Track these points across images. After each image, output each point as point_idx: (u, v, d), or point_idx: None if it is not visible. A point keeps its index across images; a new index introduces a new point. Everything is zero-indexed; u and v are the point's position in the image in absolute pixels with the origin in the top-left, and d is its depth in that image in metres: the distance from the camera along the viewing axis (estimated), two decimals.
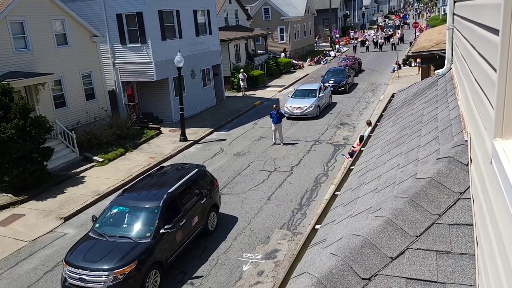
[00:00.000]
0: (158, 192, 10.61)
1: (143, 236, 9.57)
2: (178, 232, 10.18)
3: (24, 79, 16.66)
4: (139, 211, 10.18)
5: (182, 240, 10.41)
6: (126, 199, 10.62)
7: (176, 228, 10.08)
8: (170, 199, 10.34)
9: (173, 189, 10.56)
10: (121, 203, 10.56)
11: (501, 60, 1.78)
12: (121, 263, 8.84)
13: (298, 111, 23.01)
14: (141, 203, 10.32)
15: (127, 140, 20.17)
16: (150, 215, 9.95)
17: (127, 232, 9.83)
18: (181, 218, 10.40)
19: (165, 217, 9.98)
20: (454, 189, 2.96)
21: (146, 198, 10.50)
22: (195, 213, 10.98)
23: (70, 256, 9.36)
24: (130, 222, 10.15)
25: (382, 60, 41.79)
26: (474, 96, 2.97)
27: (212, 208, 11.92)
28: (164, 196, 10.22)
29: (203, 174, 12.19)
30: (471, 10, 3.39)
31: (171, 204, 10.32)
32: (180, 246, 10.31)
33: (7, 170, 14.72)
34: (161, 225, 9.72)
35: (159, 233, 9.61)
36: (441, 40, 12.18)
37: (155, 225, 9.68)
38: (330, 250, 3.08)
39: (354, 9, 78.03)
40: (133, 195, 10.81)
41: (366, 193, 3.96)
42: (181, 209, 10.54)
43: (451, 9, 5.84)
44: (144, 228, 9.77)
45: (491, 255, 1.87)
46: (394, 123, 6.27)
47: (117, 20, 21.92)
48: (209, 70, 27.31)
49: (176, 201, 10.51)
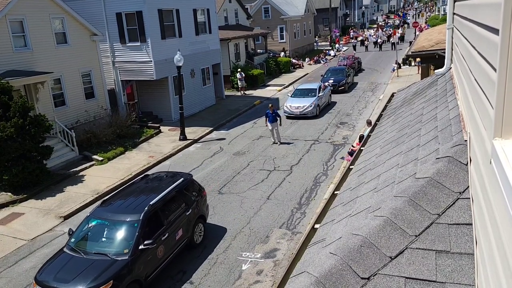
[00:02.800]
0: (139, 204, 9.84)
1: (121, 252, 8.90)
2: (159, 247, 9.50)
3: (24, 78, 16.65)
4: (117, 225, 9.47)
5: (165, 255, 9.73)
6: (105, 212, 9.87)
7: (158, 243, 9.40)
8: (152, 211, 9.64)
9: (155, 201, 9.86)
10: (99, 216, 9.82)
11: (500, 59, 1.77)
12: (94, 284, 8.18)
13: (297, 111, 23.01)
14: (120, 216, 9.58)
15: (127, 139, 20.16)
16: (129, 230, 9.25)
17: (104, 248, 9.17)
18: (163, 232, 9.72)
19: (146, 230, 9.31)
20: (453, 189, 2.96)
21: (126, 210, 9.75)
22: (179, 225, 10.30)
23: (41, 274, 8.67)
24: (108, 237, 9.47)
25: (382, 60, 41.78)
26: (473, 96, 2.97)
27: (199, 220, 11.25)
28: (145, 209, 9.51)
29: (189, 183, 11.47)
30: (471, 9, 3.38)
31: (152, 217, 9.63)
32: (162, 262, 9.65)
33: (6, 169, 14.71)
34: (140, 241, 9.05)
35: (138, 249, 8.94)
36: (441, 39, 12.18)
37: (134, 240, 9.00)
38: (329, 250, 3.07)
39: (354, 8, 78.00)
40: (113, 207, 10.04)
41: (365, 193, 3.96)
42: (163, 222, 9.86)
43: (451, 8, 5.84)
44: (122, 244, 9.10)
45: (490, 255, 1.87)
46: (394, 123, 6.27)
47: (116, 19, 21.91)
48: (208, 69, 27.30)
49: (159, 213, 9.83)
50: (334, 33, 58.18)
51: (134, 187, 11.19)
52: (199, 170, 16.77)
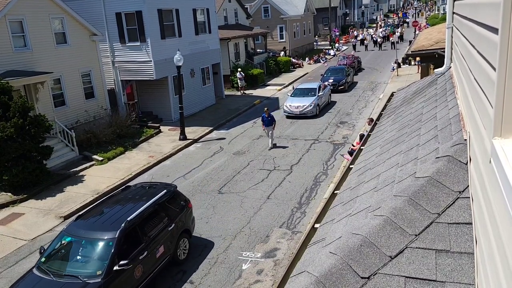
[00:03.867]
0: (115, 220, 9.12)
1: (94, 274, 8.20)
2: (137, 267, 8.80)
3: (23, 78, 16.65)
4: (91, 243, 8.79)
5: (143, 275, 9.03)
6: (79, 228, 9.15)
7: (135, 263, 8.69)
8: (129, 228, 8.91)
9: (133, 217, 9.14)
10: (72, 233, 9.10)
11: (500, 59, 1.77)
12: None
13: (297, 110, 23.00)
14: (94, 233, 8.89)
15: (127, 139, 20.15)
16: (104, 249, 8.55)
17: (76, 269, 8.49)
18: (142, 250, 9.02)
19: (123, 249, 8.62)
20: (453, 188, 2.96)
21: (101, 227, 9.04)
22: (160, 242, 9.61)
23: None
24: (81, 256, 8.80)
25: (381, 59, 41.78)
26: (473, 95, 2.97)
27: (183, 234, 10.54)
28: (121, 226, 8.79)
29: (173, 196, 10.74)
30: (470, 9, 3.38)
31: (130, 234, 8.92)
32: (141, 283, 8.95)
33: (6, 169, 14.71)
34: (115, 261, 8.33)
35: (112, 271, 8.23)
36: (440, 38, 12.18)
37: (108, 261, 8.30)
38: (330, 249, 3.08)
39: (354, 7, 77.99)
40: (87, 223, 9.35)
41: (365, 192, 3.96)
42: (142, 239, 9.16)
43: (450, 7, 5.84)
44: (95, 265, 8.40)
45: (490, 254, 1.87)
46: (394, 122, 6.27)
47: (116, 19, 21.90)
48: (208, 69, 27.29)
49: (137, 229, 9.12)
50: (334, 33, 58.17)
51: (113, 199, 10.49)
52: (199, 170, 16.78)
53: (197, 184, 15.35)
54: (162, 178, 16.25)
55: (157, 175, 16.63)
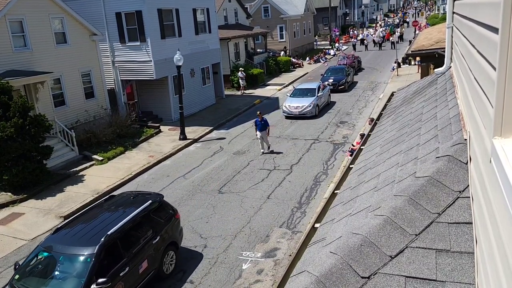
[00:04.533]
0: (95, 234, 8.60)
1: None
2: (118, 284, 8.29)
3: (23, 78, 16.65)
4: (68, 259, 8.29)
5: None
6: (56, 243, 8.62)
7: (115, 281, 8.18)
8: (109, 243, 8.39)
9: (114, 230, 8.61)
10: (49, 248, 8.57)
11: (500, 59, 1.77)
12: None
13: (296, 111, 22.94)
14: (72, 248, 8.36)
15: (127, 139, 20.16)
16: (81, 266, 8.03)
17: (51, 287, 8.05)
18: (123, 266, 8.49)
19: (103, 265, 8.12)
20: (453, 188, 2.96)
21: (79, 242, 8.51)
22: (144, 256, 9.10)
23: None
24: (57, 273, 8.25)
25: (381, 59, 41.78)
26: (473, 95, 2.97)
27: (170, 247, 9.99)
28: (101, 240, 8.27)
29: (159, 206, 10.20)
30: (470, 8, 3.38)
31: (111, 249, 8.41)
32: None
33: (6, 169, 14.71)
34: (93, 279, 7.82)
35: None
36: (440, 38, 12.18)
37: (85, 278, 7.81)
38: (330, 249, 3.08)
39: (354, 7, 77.96)
40: (66, 236, 8.81)
41: (365, 192, 3.96)
42: (124, 254, 8.64)
43: (450, 7, 5.83)
44: (72, 283, 7.90)
45: (490, 254, 1.87)
46: (394, 122, 6.27)
47: (116, 18, 21.91)
48: (208, 69, 27.30)
49: (118, 244, 8.59)
50: (334, 32, 58.16)
51: (95, 210, 9.96)
52: (199, 170, 16.78)
53: (197, 184, 15.35)
54: (162, 177, 16.26)
55: (157, 175, 16.64)
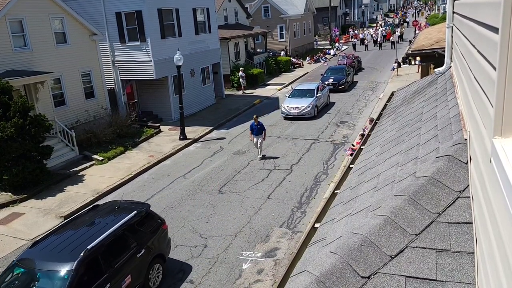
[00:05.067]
0: (74, 249, 8.09)
1: None
2: None
3: (23, 78, 16.65)
4: (45, 276, 7.76)
5: None
6: (32, 257, 8.15)
7: None
8: (89, 258, 7.91)
9: (95, 244, 8.11)
10: (25, 264, 8.07)
11: (500, 58, 1.77)
12: None
13: (295, 111, 22.73)
14: (48, 264, 7.84)
15: (127, 139, 20.16)
16: (59, 283, 7.52)
17: None
18: (104, 282, 8.00)
19: (82, 281, 7.66)
20: (453, 188, 2.96)
21: (57, 257, 7.98)
22: (127, 271, 8.61)
23: None
24: None
25: (381, 59, 41.78)
26: (473, 95, 2.97)
27: (156, 260, 9.53)
28: (80, 255, 7.78)
29: (144, 217, 9.68)
30: (470, 8, 3.38)
31: (91, 264, 7.94)
32: None
33: (6, 168, 14.72)
34: None
35: None
36: (440, 38, 12.17)
37: None
38: (330, 249, 3.08)
39: (354, 7, 77.94)
40: (43, 251, 8.27)
41: (365, 192, 3.96)
42: (105, 269, 8.16)
43: (450, 7, 5.83)
44: None
45: (490, 254, 1.87)
46: (394, 122, 6.27)
47: (116, 18, 21.91)
48: (208, 69, 27.29)
49: (99, 259, 8.10)
50: (334, 32, 58.16)
51: (76, 222, 9.44)
52: (199, 170, 16.78)
53: (197, 184, 15.36)
54: (162, 177, 16.27)
55: (157, 175, 16.64)
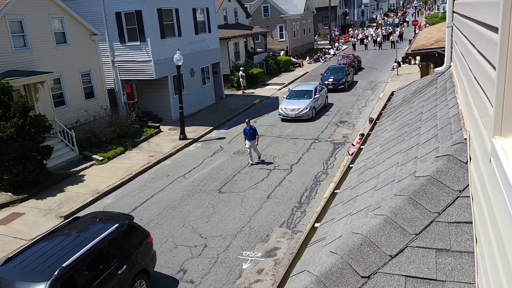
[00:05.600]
0: (48, 266, 7.51)
1: None
2: None
3: (23, 78, 16.65)
4: None
5: None
6: (4, 276, 7.55)
7: None
8: (64, 277, 7.32)
9: (71, 262, 7.53)
10: None
11: (500, 58, 1.77)
12: None
13: (293, 113, 22.45)
14: (20, 284, 7.26)
15: (127, 139, 20.16)
16: None
17: None
18: None
19: None
20: (453, 187, 2.96)
21: (29, 276, 7.39)
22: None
23: None
24: None
25: (381, 58, 41.78)
26: (473, 94, 2.96)
27: (140, 275, 8.95)
28: (54, 274, 7.20)
29: (127, 231, 9.09)
30: (470, 8, 3.38)
31: (65, 284, 7.33)
32: None
33: (6, 168, 14.72)
34: None
35: None
36: (440, 38, 12.18)
37: None
38: (330, 248, 3.08)
39: (354, 7, 77.94)
40: (15, 269, 7.68)
41: (365, 191, 3.96)
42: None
43: (450, 6, 5.83)
44: None
45: (490, 253, 1.87)
46: (394, 121, 6.27)
47: (116, 18, 21.91)
48: (208, 69, 27.29)
49: (75, 278, 7.49)
50: (334, 32, 58.16)
51: (53, 236, 8.84)
52: (199, 169, 16.78)
53: (197, 184, 15.36)
54: (162, 177, 16.27)
55: (157, 175, 16.64)
